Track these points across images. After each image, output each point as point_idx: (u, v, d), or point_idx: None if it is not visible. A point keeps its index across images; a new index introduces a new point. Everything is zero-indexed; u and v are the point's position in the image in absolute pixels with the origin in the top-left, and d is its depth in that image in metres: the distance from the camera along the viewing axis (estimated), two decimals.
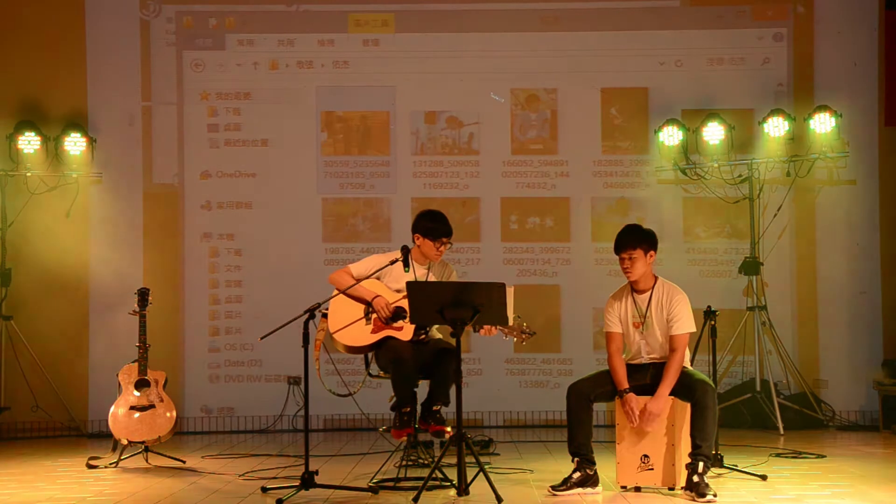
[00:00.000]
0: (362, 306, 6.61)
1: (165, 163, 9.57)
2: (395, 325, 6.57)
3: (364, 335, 6.59)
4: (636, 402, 6.10)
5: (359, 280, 6.57)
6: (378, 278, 6.66)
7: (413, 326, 6.55)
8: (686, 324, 6.16)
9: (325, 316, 6.51)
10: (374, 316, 6.58)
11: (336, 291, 6.59)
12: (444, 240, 6.66)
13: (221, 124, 9.59)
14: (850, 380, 9.44)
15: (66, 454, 8.09)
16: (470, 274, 9.17)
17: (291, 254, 9.48)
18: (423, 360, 6.53)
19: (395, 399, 6.53)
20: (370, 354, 6.77)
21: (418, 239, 6.71)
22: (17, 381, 9.23)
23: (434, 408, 6.51)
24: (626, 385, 6.14)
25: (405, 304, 6.53)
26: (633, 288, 6.30)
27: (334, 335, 6.57)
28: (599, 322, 6.54)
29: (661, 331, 6.21)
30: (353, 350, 6.69)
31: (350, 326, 6.55)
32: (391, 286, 6.68)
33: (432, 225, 6.67)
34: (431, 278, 6.72)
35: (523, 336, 6.26)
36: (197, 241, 9.55)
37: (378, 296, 6.58)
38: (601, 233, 9.18)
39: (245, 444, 8.60)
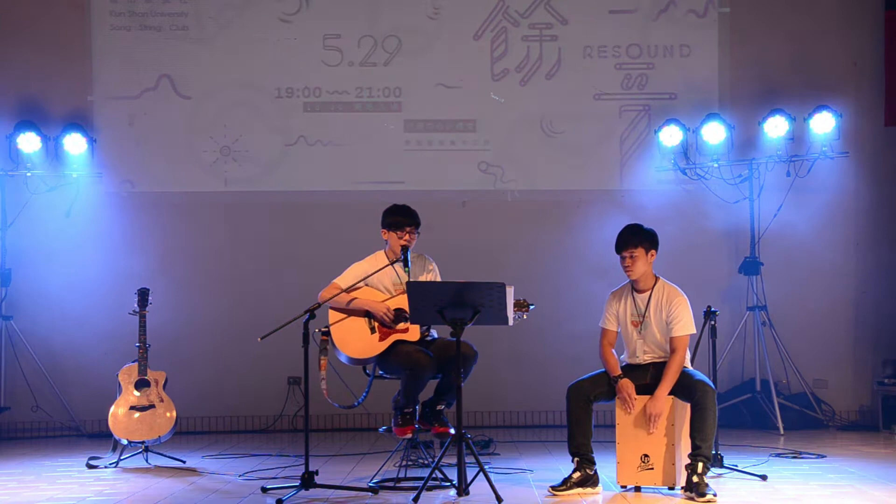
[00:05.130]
0: (363, 318, 6.60)
1: (165, 163, 9.56)
2: (399, 327, 6.57)
3: (372, 344, 6.57)
4: (631, 387, 6.11)
5: (347, 289, 6.56)
6: (366, 284, 6.66)
7: (418, 326, 6.55)
8: (686, 326, 6.18)
9: (325, 334, 6.49)
10: (377, 323, 6.58)
11: (330, 311, 6.59)
12: (409, 229, 6.68)
13: (222, 123, 9.58)
14: (850, 380, 9.45)
15: (66, 454, 8.10)
16: (469, 274, 9.14)
17: (292, 253, 9.48)
18: (437, 362, 6.51)
19: (399, 399, 6.52)
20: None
21: (385, 234, 6.75)
22: (17, 381, 9.23)
23: (438, 407, 6.51)
24: (618, 372, 6.17)
25: (400, 302, 6.54)
26: (634, 287, 6.32)
27: (343, 350, 6.56)
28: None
29: (660, 331, 6.22)
30: (362, 362, 6.68)
31: (356, 338, 6.54)
32: (379, 288, 6.69)
33: (393, 218, 6.72)
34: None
35: (523, 310, 6.29)
36: (197, 240, 9.54)
37: (375, 302, 6.58)
38: (601, 233, 9.16)
39: (245, 444, 8.60)
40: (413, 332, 6.56)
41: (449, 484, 6.10)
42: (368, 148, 9.47)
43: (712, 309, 6.64)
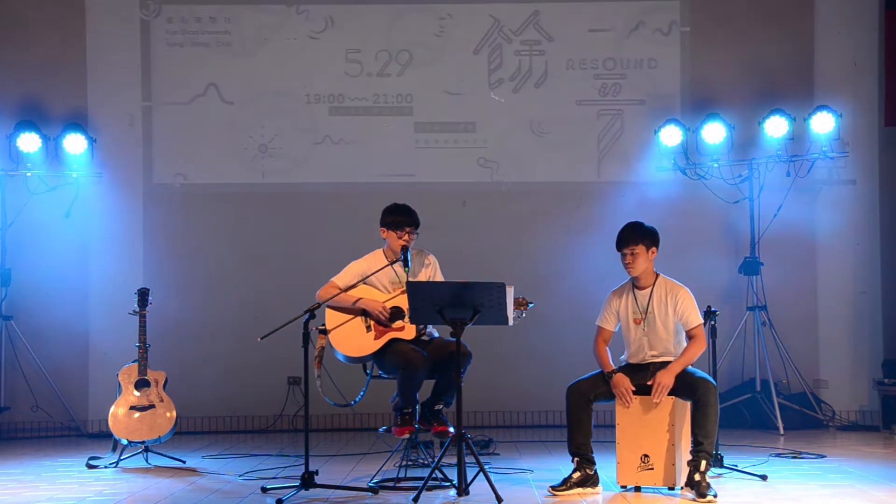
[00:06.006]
0: (360, 317, 6.60)
1: (166, 163, 9.58)
2: (395, 325, 6.57)
3: (368, 343, 6.58)
4: (627, 382, 6.11)
5: (345, 289, 6.57)
6: (364, 283, 6.66)
7: (414, 325, 6.56)
8: (697, 315, 6.22)
9: (322, 332, 6.50)
10: (373, 321, 6.59)
11: (327, 309, 6.61)
12: (408, 229, 6.69)
13: (222, 124, 9.61)
14: (850, 380, 9.45)
15: (66, 454, 8.10)
16: (470, 273, 9.14)
17: (292, 253, 9.49)
18: (431, 362, 6.51)
19: (398, 400, 6.52)
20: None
21: (384, 233, 6.77)
22: (17, 381, 9.23)
23: (436, 407, 6.51)
24: (611, 367, 6.19)
25: (398, 301, 6.55)
26: (635, 284, 6.31)
27: (338, 348, 6.57)
28: None
29: (665, 327, 6.22)
30: (358, 360, 6.69)
31: (352, 336, 6.55)
32: (377, 287, 6.70)
33: (393, 218, 6.74)
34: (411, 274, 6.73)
35: (522, 307, 6.30)
36: (197, 240, 9.55)
37: (371, 301, 6.58)
38: (602, 232, 9.15)
39: (245, 444, 8.60)
40: (409, 331, 6.56)
41: (449, 484, 6.09)
42: (384, 146, 9.73)
43: (712, 309, 6.63)
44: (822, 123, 8.96)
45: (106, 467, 7.29)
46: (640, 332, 6.27)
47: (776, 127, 9.07)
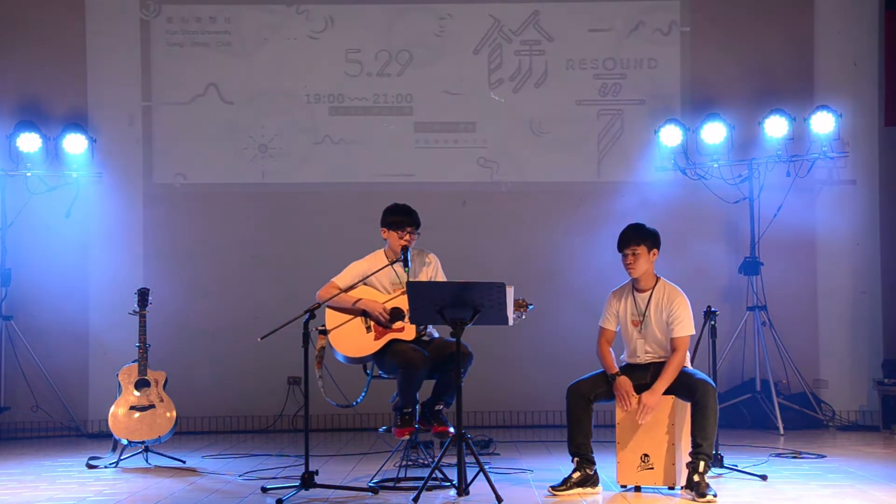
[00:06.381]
0: (360, 317, 6.61)
1: (166, 163, 9.59)
2: (395, 326, 6.57)
3: (368, 343, 6.58)
4: (629, 384, 6.11)
5: (346, 290, 6.57)
6: (365, 283, 6.66)
7: (414, 325, 6.56)
8: (686, 326, 6.18)
9: (323, 333, 6.50)
10: (373, 322, 6.59)
11: (327, 310, 6.61)
12: (409, 229, 6.70)
13: (222, 124, 9.62)
14: (850, 380, 9.45)
15: (66, 454, 8.10)
16: (469, 273, 9.15)
17: (292, 253, 9.50)
18: (431, 362, 6.52)
19: (398, 399, 6.52)
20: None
21: (384, 233, 6.78)
22: (17, 381, 9.23)
23: (436, 407, 6.50)
24: (615, 370, 6.19)
25: (398, 302, 6.55)
26: (635, 286, 6.32)
27: (338, 349, 6.57)
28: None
29: (661, 331, 6.22)
30: (358, 361, 6.69)
31: (352, 336, 6.55)
32: (378, 288, 6.70)
33: (394, 218, 6.74)
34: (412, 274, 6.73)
35: (521, 309, 6.31)
36: (197, 240, 9.55)
37: (371, 302, 6.58)
38: (602, 232, 9.16)
39: (245, 444, 8.60)
40: (409, 332, 6.56)
41: (449, 484, 6.09)
42: (384, 146, 9.74)
43: (712, 309, 6.64)
44: (822, 123, 8.96)
45: (106, 467, 7.29)
46: (638, 334, 6.27)
47: (776, 127, 9.07)
